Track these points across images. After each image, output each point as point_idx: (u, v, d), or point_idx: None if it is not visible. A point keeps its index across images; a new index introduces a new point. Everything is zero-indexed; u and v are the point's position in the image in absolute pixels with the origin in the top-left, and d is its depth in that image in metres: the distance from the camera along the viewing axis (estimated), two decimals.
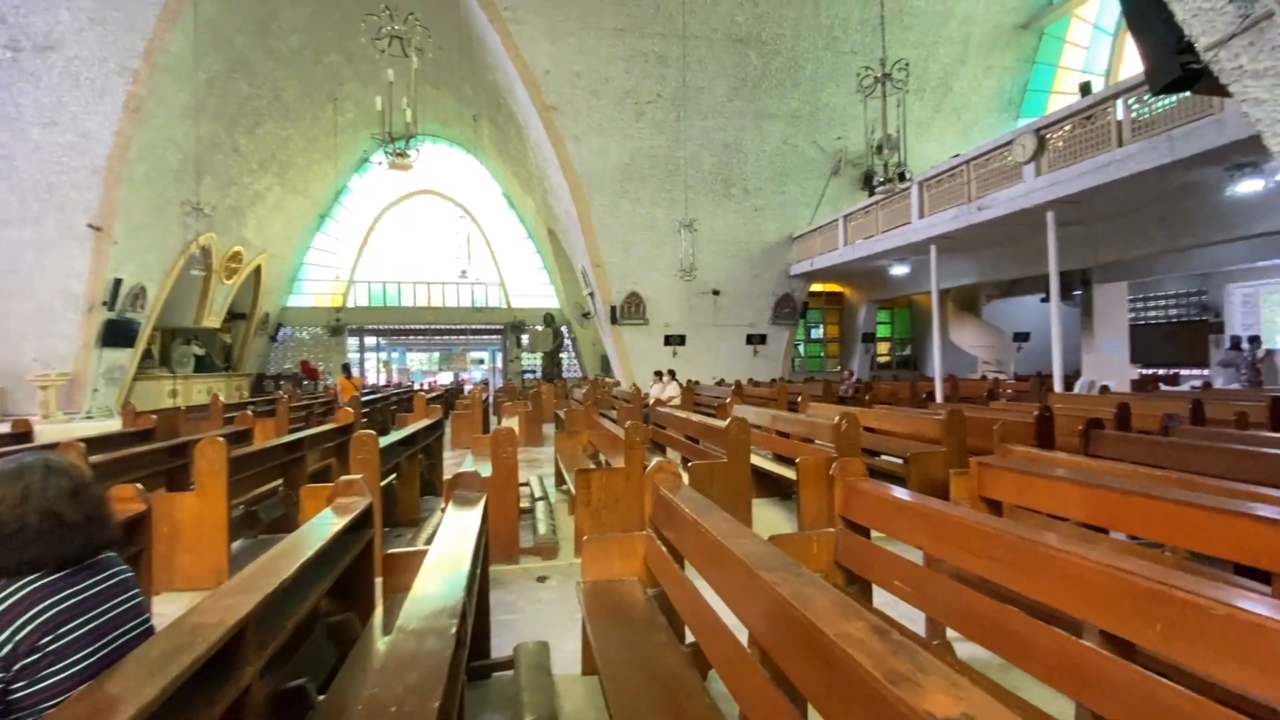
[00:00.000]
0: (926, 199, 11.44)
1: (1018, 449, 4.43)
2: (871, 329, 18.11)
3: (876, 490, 2.70)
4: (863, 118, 15.90)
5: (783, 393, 10.87)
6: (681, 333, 16.26)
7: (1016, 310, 17.81)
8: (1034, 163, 9.02)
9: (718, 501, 4.66)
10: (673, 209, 15.06)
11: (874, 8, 14.63)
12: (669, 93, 14.64)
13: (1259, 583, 2.33)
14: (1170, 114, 7.37)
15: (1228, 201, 8.51)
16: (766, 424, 6.24)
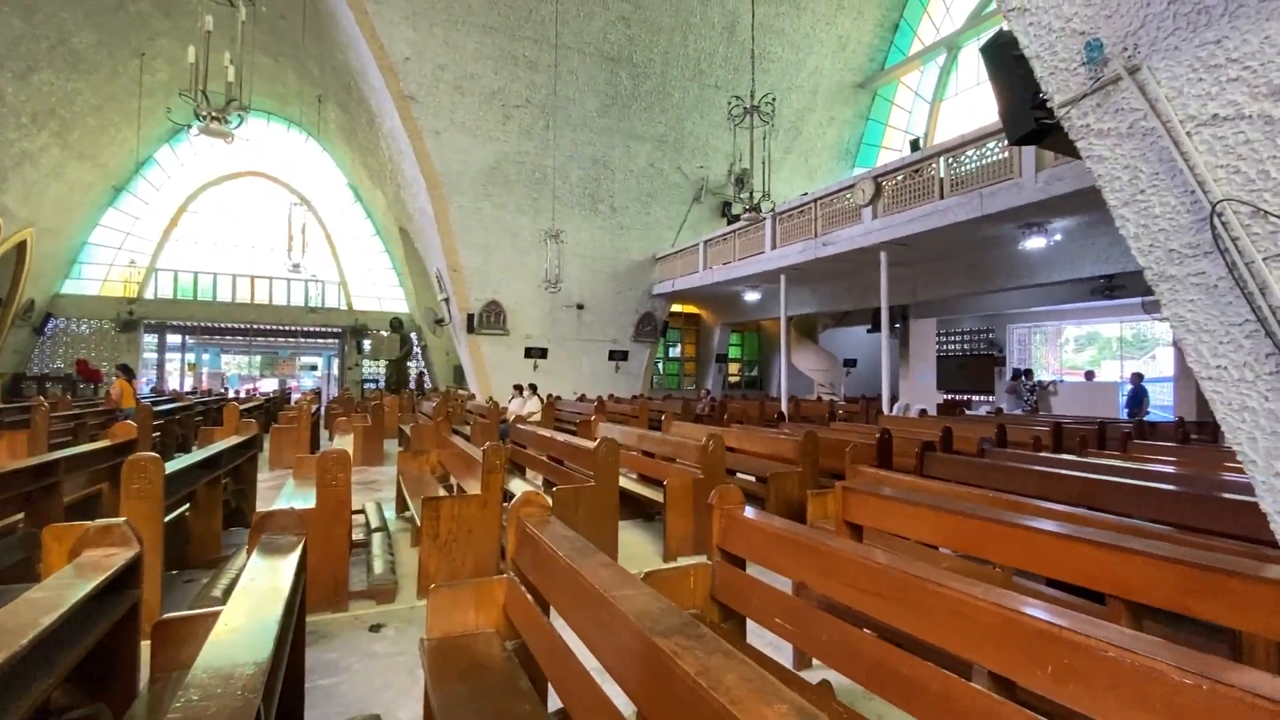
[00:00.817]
0: (778, 232, 12.20)
1: (866, 470, 4.66)
2: (725, 350, 18.99)
3: (757, 521, 2.58)
4: (725, 150, 16.80)
5: (644, 410, 10.87)
6: (544, 345, 15.81)
7: (847, 339, 19.68)
8: (872, 206, 9.95)
9: (583, 527, 4.38)
10: (539, 218, 14.67)
11: (737, 47, 15.54)
12: (539, 100, 14.30)
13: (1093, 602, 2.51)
14: (981, 174, 8.49)
15: (1018, 255, 10.00)
16: (633, 444, 6.08)
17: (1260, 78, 1.96)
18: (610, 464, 4.42)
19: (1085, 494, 4.06)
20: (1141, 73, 2.21)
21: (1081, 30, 2.33)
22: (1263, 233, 2.05)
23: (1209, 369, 2.30)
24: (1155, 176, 2.27)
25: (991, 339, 19.01)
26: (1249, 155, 2.03)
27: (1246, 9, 1.95)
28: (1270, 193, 2.01)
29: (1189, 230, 2.23)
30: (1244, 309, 2.15)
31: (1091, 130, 2.39)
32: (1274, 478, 2.22)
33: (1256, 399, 2.20)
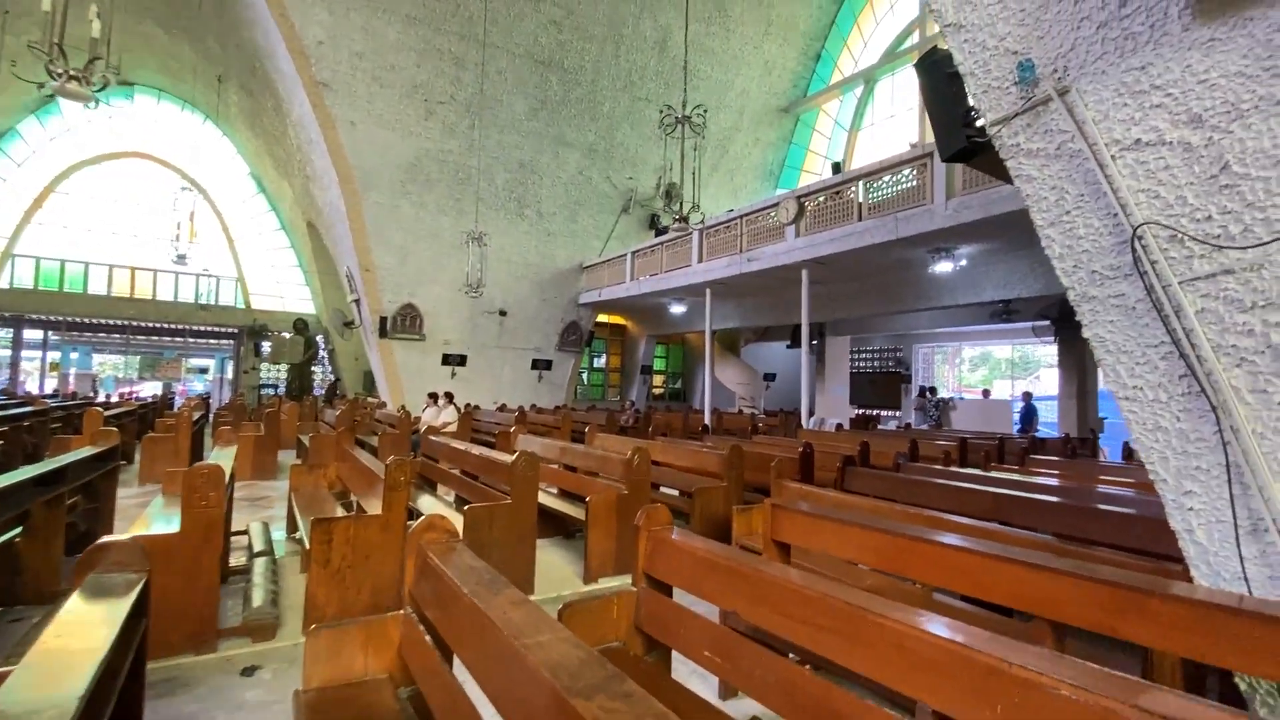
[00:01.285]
0: (705, 246, 12.30)
1: (791, 485, 4.62)
2: (650, 362, 18.97)
3: (687, 544, 2.40)
4: (654, 163, 16.88)
5: (567, 421, 10.56)
6: (463, 352, 15.15)
7: (767, 354, 20.19)
8: (795, 225, 10.20)
9: (497, 549, 4.06)
10: (461, 219, 14.09)
11: (668, 62, 15.68)
12: (465, 98, 13.78)
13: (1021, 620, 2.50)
14: (897, 199, 8.86)
15: (928, 278, 10.53)
16: (554, 457, 5.79)
17: (1181, 105, 2.01)
18: (529, 480, 4.13)
19: (996, 509, 4.17)
20: (1070, 95, 2.23)
21: (1014, 50, 2.35)
22: (1179, 257, 2.10)
23: (1126, 389, 2.35)
24: (1081, 198, 2.30)
25: (899, 357, 20.06)
26: (1169, 181, 2.08)
27: (1170, 38, 1.99)
28: (1187, 218, 2.06)
29: (1111, 252, 2.27)
30: (1160, 331, 2.20)
31: (1021, 149, 2.41)
32: (1183, 496, 2.28)
33: (1169, 420, 2.26)
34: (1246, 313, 1.98)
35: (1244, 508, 2.09)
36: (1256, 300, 1.96)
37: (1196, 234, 2.03)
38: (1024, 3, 2.28)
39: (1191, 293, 2.08)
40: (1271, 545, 2.06)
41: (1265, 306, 1.94)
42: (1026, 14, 2.28)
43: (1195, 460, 2.19)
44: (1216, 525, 2.18)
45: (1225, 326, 2.03)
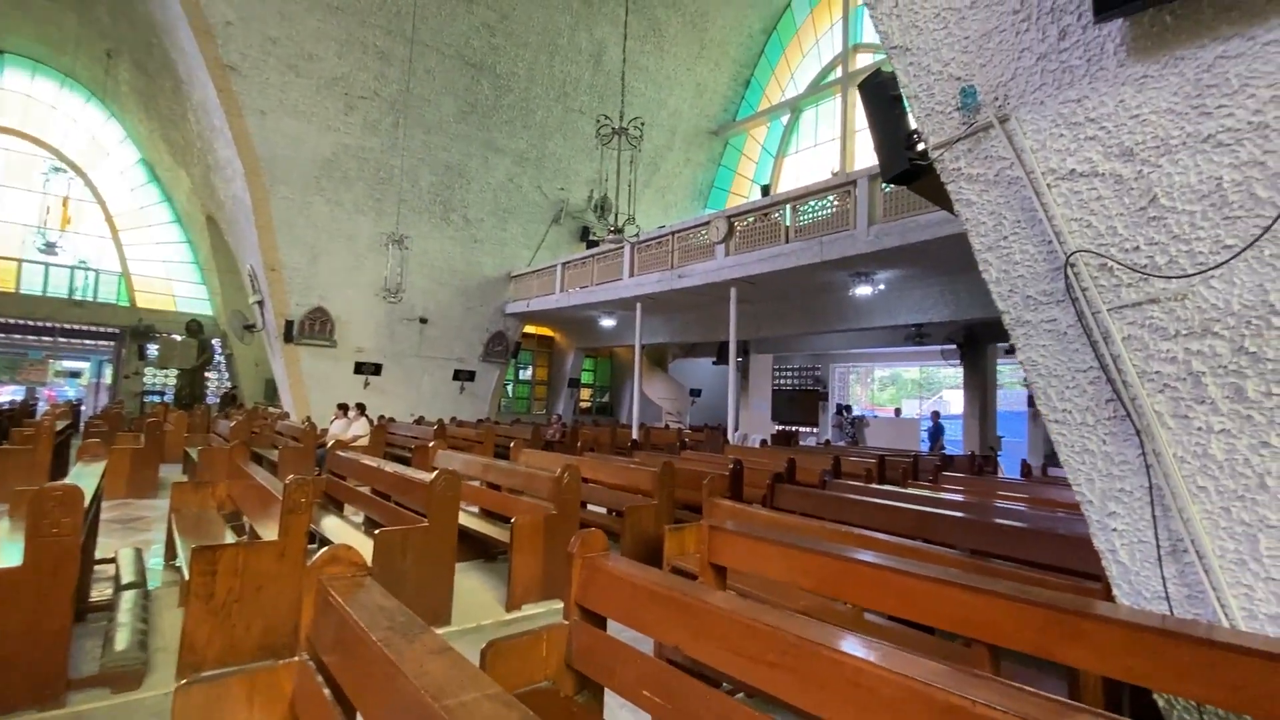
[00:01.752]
0: (636, 261, 12.27)
1: (723, 504, 4.54)
2: (578, 375, 18.69)
3: (625, 572, 2.23)
4: (587, 175, 16.77)
5: (491, 436, 10.14)
6: (378, 361, 14.33)
7: (693, 369, 20.41)
8: (725, 244, 10.34)
9: (412, 576, 3.71)
10: (382, 220, 13.40)
11: (603, 75, 15.69)
12: (389, 94, 13.17)
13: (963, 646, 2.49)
14: (822, 223, 9.16)
15: (848, 300, 10.95)
16: (476, 474, 5.46)
17: (1113, 138, 2.08)
18: (449, 500, 3.82)
19: (919, 527, 4.27)
20: (1010, 123, 2.28)
21: (958, 76, 2.38)
22: (1108, 285, 2.17)
23: (1055, 412, 2.40)
24: (1018, 224, 2.35)
25: (817, 376, 20.80)
26: (1100, 211, 2.15)
27: (1105, 73, 2.06)
28: (1117, 248, 2.13)
29: (1045, 278, 2.32)
30: (1089, 356, 2.26)
31: (962, 174, 2.44)
32: (1107, 517, 2.35)
33: (1095, 442, 2.32)
34: (1170, 341, 2.06)
35: (1165, 529, 2.16)
36: (1179, 329, 2.03)
37: (1125, 263, 2.10)
38: (968, 30, 2.31)
39: (1119, 320, 2.15)
40: (1190, 566, 2.14)
41: (1187, 335, 2.02)
42: (970, 41, 2.31)
43: (1120, 483, 2.26)
44: (1139, 546, 2.25)
45: (1150, 353, 2.11)
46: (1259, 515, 1.99)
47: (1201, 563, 2.11)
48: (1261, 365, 1.91)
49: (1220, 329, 1.96)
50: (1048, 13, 2.13)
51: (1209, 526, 2.09)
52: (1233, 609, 2.07)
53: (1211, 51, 1.86)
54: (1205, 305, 1.98)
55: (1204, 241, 1.96)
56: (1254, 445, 1.96)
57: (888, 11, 2.50)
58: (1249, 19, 1.79)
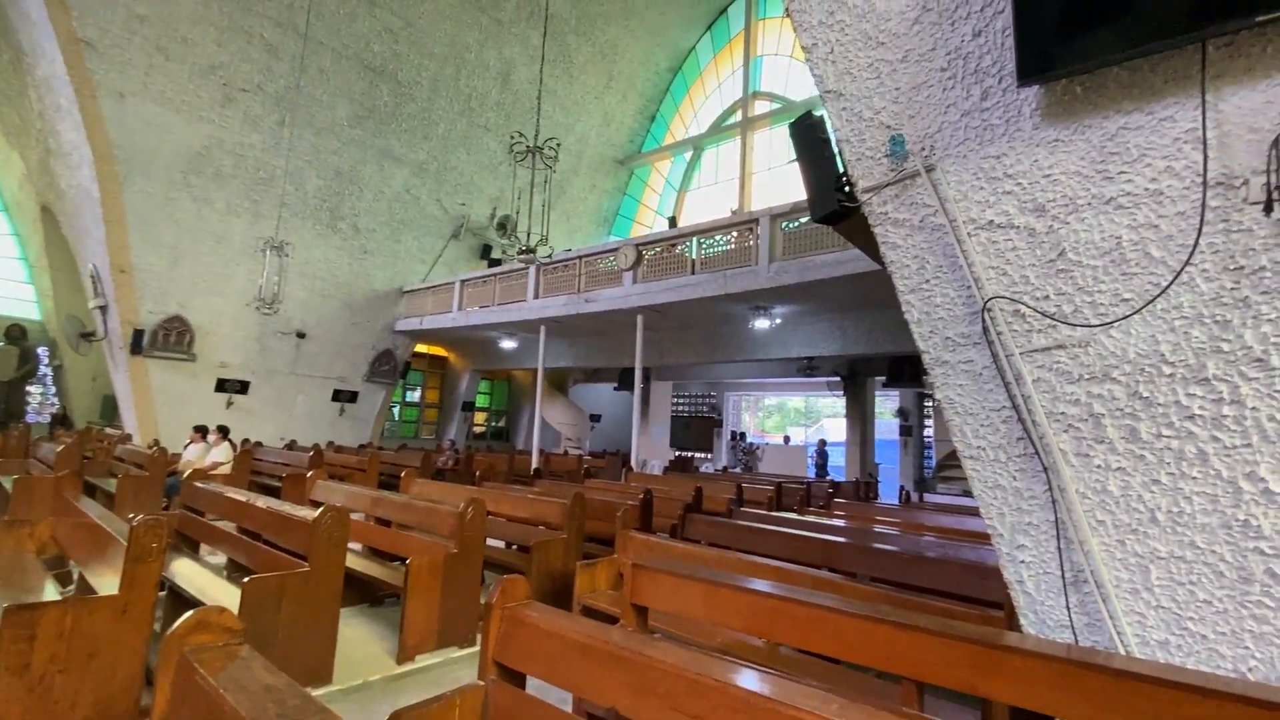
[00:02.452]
0: (543, 283, 12.03)
1: (637, 537, 4.40)
2: (473, 398, 17.90)
3: (552, 625, 2.02)
4: (490, 192, 16.35)
5: (375, 463, 9.36)
6: (244, 378, 12.89)
7: (593, 394, 20.27)
8: (633, 271, 10.40)
9: (288, 629, 3.22)
10: (259, 224, 12.21)
11: (511, 94, 15.48)
12: (276, 90, 12.14)
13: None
14: (726, 257, 9.46)
15: (747, 332, 11.35)
16: (364, 509, 4.94)
17: (1028, 194, 2.23)
18: (336, 541, 3.39)
19: (828, 556, 4.37)
20: (936, 172, 2.40)
21: (888, 124, 2.48)
22: (1021, 330, 2.31)
23: (970, 448, 2.52)
24: (940, 269, 2.46)
25: (713, 403, 21.40)
26: (1015, 261, 2.30)
27: (1022, 134, 2.22)
28: (1029, 296, 2.28)
29: (963, 321, 2.44)
30: (1002, 396, 2.39)
31: (889, 218, 2.54)
32: (1016, 550, 2.48)
33: (1007, 478, 2.45)
34: (1074, 384, 2.22)
35: (1068, 560, 2.30)
36: (1082, 374, 2.19)
37: (1036, 310, 2.25)
38: (899, 82, 2.42)
39: (1029, 363, 2.29)
40: (1089, 595, 2.29)
41: (1089, 380, 2.18)
42: (900, 93, 2.42)
43: (1028, 516, 2.39)
44: (1044, 577, 2.38)
45: (1056, 395, 2.26)
46: (1150, 547, 2.17)
47: (1100, 592, 2.26)
48: (1153, 409, 2.09)
49: (1118, 375, 2.14)
50: (972, 73, 2.27)
51: (1106, 558, 2.24)
52: (1128, 636, 2.23)
53: (1115, 123, 2.05)
54: (1105, 353, 2.15)
55: (1105, 294, 2.13)
56: (1146, 483, 2.14)
57: (823, 56, 2.57)
58: (1147, 96, 1.99)
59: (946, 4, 2.30)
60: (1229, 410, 1.97)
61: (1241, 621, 2.01)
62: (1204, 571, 2.06)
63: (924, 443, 16.26)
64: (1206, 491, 2.04)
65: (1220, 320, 1.95)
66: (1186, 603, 2.12)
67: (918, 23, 2.35)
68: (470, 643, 4.03)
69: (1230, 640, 2.05)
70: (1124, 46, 1.92)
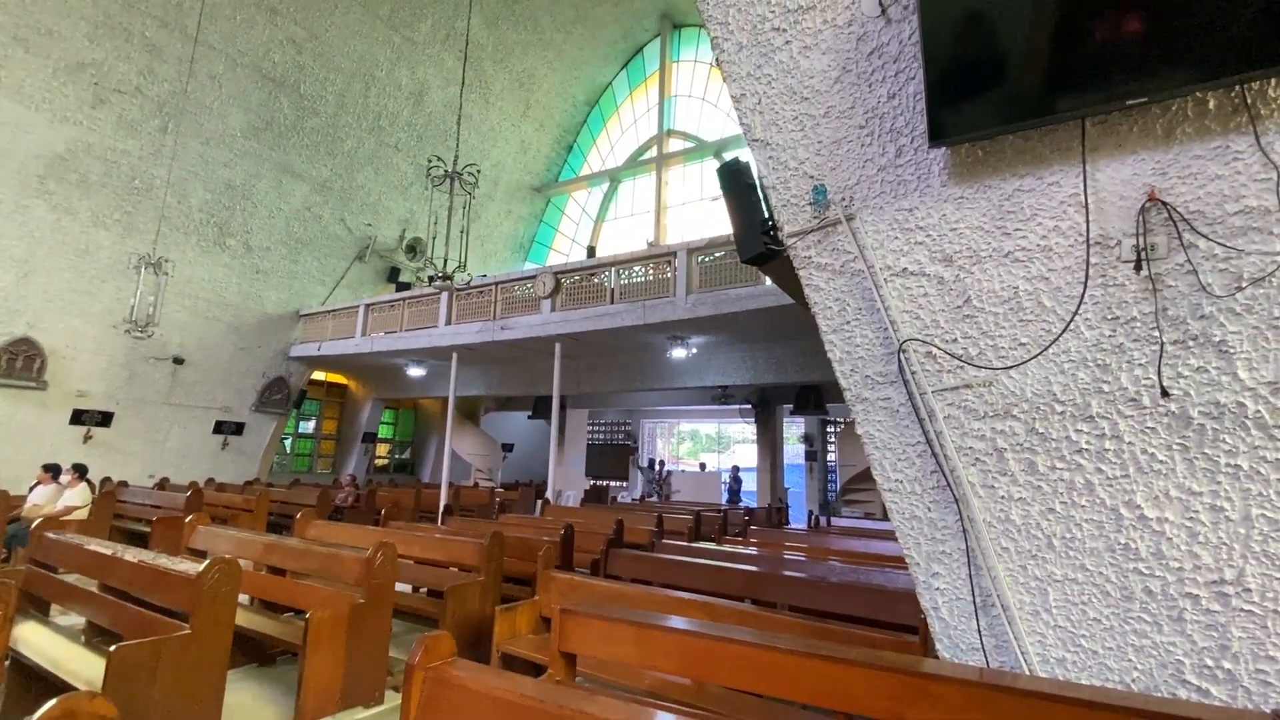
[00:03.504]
0: (456, 309, 11.66)
1: (559, 576, 4.27)
2: (375, 429, 16.88)
3: (484, 685, 1.89)
4: (399, 213, 15.74)
5: (264, 502, 8.56)
6: (107, 408, 11.47)
7: (505, 423, 19.73)
8: (552, 299, 10.30)
9: (165, 703, 2.82)
10: (131, 238, 11.05)
11: (423, 115, 15.10)
12: (158, 95, 11.15)
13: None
14: (644, 288, 9.59)
15: (664, 361, 11.51)
16: (254, 557, 4.47)
17: (937, 245, 2.42)
18: (224, 598, 3.03)
19: (750, 586, 4.43)
20: (855, 221, 2.55)
21: (811, 175, 2.62)
22: (932, 370, 2.48)
23: (890, 481, 2.65)
24: (859, 311, 2.60)
25: (628, 430, 21.44)
26: (926, 306, 2.47)
27: (931, 189, 2.40)
28: (939, 338, 2.45)
29: (881, 360, 2.58)
30: (917, 432, 2.54)
31: (813, 262, 2.66)
32: (931, 577, 2.61)
33: (922, 509, 2.59)
34: (980, 420, 2.39)
35: (977, 586, 2.45)
36: (987, 411, 2.38)
37: (946, 352, 2.42)
38: (821, 137, 2.57)
39: (941, 401, 2.46)
40: (997, 618, 2.44)
41: (993, 416, 2.37)
42: (823, 146, 2.57)
43: (941, 545, 2.53)
44: (956, 602, 2.52)
45: (965, 431, 2.42)
46: (1048, 571, 2.35)
47: (1005, 614, 2.42)
48: (1048, 444, 2.29)
49: (1018, 412, 2.33)
50: (888, 132, 2.45)
51: (1010, 582, 2.41)
52: (1030, 655, 2.39)
53: (1011, 184, 2.27)
54: (1006, 392, 2.34)
55: (1005, 339, 2.33)
56: (1043, 511, 2.33)
57: (751, 107, 2.69)
58: (1037, 162, 2.23)
59: (864, 67, 2.47)
60: (1110, 444, 2.19)
61: (1125, 636, 2.21)
62: (1093, 592, 2.26)
63: (827, 467, 17.09)
64: (1093, 518, 2.25)
65: (1101, 364, 2.18)
66: (1079, 621, 2.31)
67: (838, 82, 2.51)
68: (378, 700, 3.71)
69: (1116, 654, 2.25)
70: (1018, 118, 2.14)
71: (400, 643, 4.50)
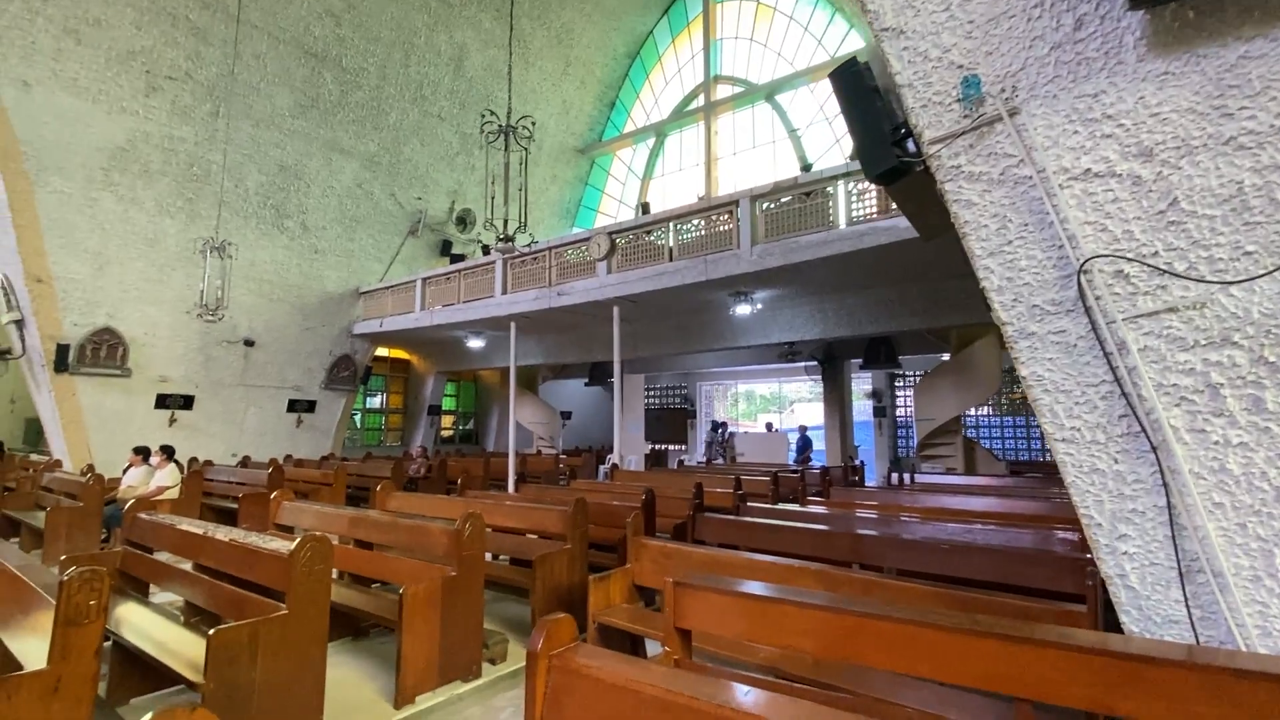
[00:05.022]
0: (510, 277, 11.49)
1: (650, 543, 4.03)
2: (439, 401, 17.15)
3: (614, 674, 1.64)
4: (447, 185, 15.62)
5: (342, 476, 8.72)
6: (188, 392, 11.94)
7: (562, 391, 19.77)
8: (607, 261, 9.97)
9: (266, 685, 2.74)
10: (195, 224, 11.29)
11: (464, 81, 14.78)
12: (208, 79, 11.20)
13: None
14: (705, 241, 9.14)
15: (726, 319, 11.07)
16: (340, 531, 4.42)
17: (1132, 137, 1.95)
18: (318, 576, 2.91)
19: (855, 550, 4.10)
20: (1020, 116, 2.09)
21: (960, 64, 2.16)
22: (1124, 293, 2.03)
23: (1063, 430, 2.23)
24: (1025, 228, 2.16)
25: (685, 394, 21.17)
26: (1116, 214, 2.01)
27: (1125, 67, 1.92)
28: (1134, 254, 2.00)
29: (1053, 286, 2.15)
30: (1101, 369, 2.11)
31: (962, 172, 2.22)
32: (1117, 540, 2.21)
33: (1106, 461, 2.17)
34: (1188, 351, 1.95)
35: (1182, 549, 2.05)
36: (1198, 339, 1.93)
37: (1145, 268, 1.97)
38: (972, 14, 2.10)
39: (1135, 330, 2.02)
40: (1203, 586, 2.04)
41: (1206, 345, 1.92)
42: (975, 26, 2.10)
43: (1131, 503, 2.12)
44: (1150, 568, 2.12)
45: (1167, 365, 1.99)
46: (1275, 530, 1.93)
47: (1216, 581, 2.01)
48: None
49: (1239, 338, 1.88)
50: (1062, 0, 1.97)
51: (1225, 544, 2.00)
52: (1248, 628, 1.99)
53: (1234, 51, 1.78)
54: (1225, 314, 1.89)
55: (1224, 248, 1.87)
56: (1271, 458, 1.90)
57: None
58: (1272, 20, 1.72)
59: None
60: None
61: None
62: None
63: (896, 422, 16.40)
64: None
65: None
66: None
67: None
68: (475, 674, 3.60)
69: None
70: None
71: (490, 613, 4.40)
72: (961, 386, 10.57)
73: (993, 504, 5.39)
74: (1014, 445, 15.27)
